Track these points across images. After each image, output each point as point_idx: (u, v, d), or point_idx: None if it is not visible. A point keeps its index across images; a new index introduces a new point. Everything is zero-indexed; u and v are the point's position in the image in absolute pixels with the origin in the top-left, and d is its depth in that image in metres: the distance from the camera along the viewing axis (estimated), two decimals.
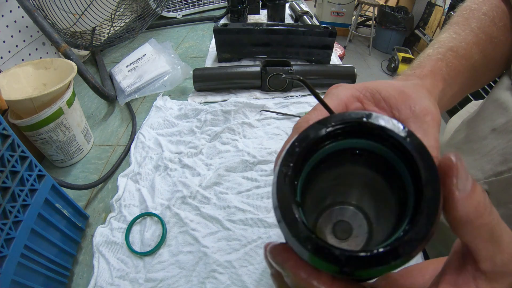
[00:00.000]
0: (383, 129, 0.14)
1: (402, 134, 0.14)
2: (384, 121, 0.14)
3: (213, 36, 0.70)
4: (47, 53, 0.66)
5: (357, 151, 0.15)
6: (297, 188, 0.14)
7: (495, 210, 0.15)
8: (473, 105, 0.49)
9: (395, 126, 0.14)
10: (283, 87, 0.62)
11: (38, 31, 0.62)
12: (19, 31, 0.58)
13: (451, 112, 0.62)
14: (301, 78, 0.16)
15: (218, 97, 0.62)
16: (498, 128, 0.32)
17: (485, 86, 0.40)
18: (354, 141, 0.15)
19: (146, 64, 0.64)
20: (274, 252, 0.15)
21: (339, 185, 0.17)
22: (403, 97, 0.21)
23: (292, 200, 0.13)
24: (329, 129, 0.14)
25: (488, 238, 0.15)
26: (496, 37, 0.33)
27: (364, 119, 0.14)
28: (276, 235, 0.37)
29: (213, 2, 1.03)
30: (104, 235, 0.38)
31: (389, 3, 3.41)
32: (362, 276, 0.12)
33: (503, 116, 0.31)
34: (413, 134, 0.14)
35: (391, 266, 0.12)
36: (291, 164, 0.14)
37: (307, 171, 0.15)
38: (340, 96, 0.22)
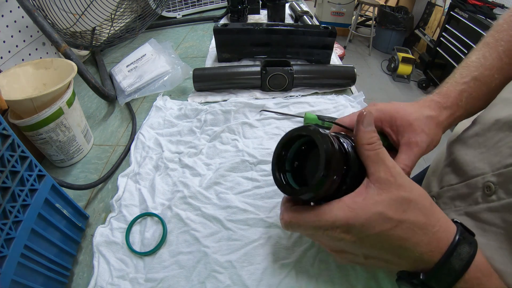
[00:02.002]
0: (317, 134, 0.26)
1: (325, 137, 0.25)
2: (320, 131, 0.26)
3: (213, 36, 0.70)
4: (47, 53, 0.66)
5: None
6: (285, 162, 0.28)
7: (384, 149, 0.26)
8: None
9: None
10: (283, 87, 0.62)
11: (38, 31, 0.62)
12: (19, 31, 0.58)
13: None
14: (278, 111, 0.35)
15: (218, 97, 0.62)
16: (502, 119, 0.32)
17: None
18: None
19: (146, 64, 0.64)
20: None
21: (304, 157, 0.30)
22: (409, 129, 0.32)
23: (276, 168, 0.28)
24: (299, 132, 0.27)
25: (374, 159, 0.25)
26: None
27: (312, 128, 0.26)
28: (277, 235, 0.37)
29: (213, 2, 1.04)
30: (104, 235, 0.38)
31: (389, 3, 3.41)
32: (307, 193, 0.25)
33: (509, 108, 0.32)
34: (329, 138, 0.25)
35: (319, 182, 0.24)
36: (280, 150, 0.28)
37: (293, 151, 0.29)
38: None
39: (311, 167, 0.29)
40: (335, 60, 0.74)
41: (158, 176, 0.46)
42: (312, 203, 0.28)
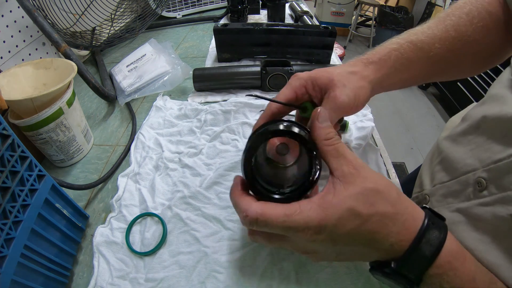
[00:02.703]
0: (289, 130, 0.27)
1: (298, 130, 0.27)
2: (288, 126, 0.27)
3: (213, 36, 0.70)
4: (47, 53, 0.66)
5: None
6: (254, 156, 0.28)
7: (342, 142, 0.27)
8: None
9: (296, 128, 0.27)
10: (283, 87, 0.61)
11: (38, 31, 0.62)
12: (19, 31, 0.58)
13: (452, 112, 0.63)
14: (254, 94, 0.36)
15: (218, 97, 0.62)
16: (489, 116, 0.32)
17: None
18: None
19: (146, 64, 0.64)
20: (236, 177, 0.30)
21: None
22: (330, 84, 0.32)
23: (249, 159, 0.27)
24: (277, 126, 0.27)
25: (335, 155, 0.26)
26: (470, 36, 0.36)
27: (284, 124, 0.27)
28: None
29: (213, 2, 1.04)
30: (104, 235, 0.38)
31: (389, 3, 3.41)
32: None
33: (498, 105, 0.32)
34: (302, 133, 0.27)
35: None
36: (249, 145, 0.28)
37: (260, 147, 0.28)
38: (292, 85, 0.34)
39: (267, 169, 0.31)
40: (335, 60, 0.74)
41: (158, 176, 0.46)
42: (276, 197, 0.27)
